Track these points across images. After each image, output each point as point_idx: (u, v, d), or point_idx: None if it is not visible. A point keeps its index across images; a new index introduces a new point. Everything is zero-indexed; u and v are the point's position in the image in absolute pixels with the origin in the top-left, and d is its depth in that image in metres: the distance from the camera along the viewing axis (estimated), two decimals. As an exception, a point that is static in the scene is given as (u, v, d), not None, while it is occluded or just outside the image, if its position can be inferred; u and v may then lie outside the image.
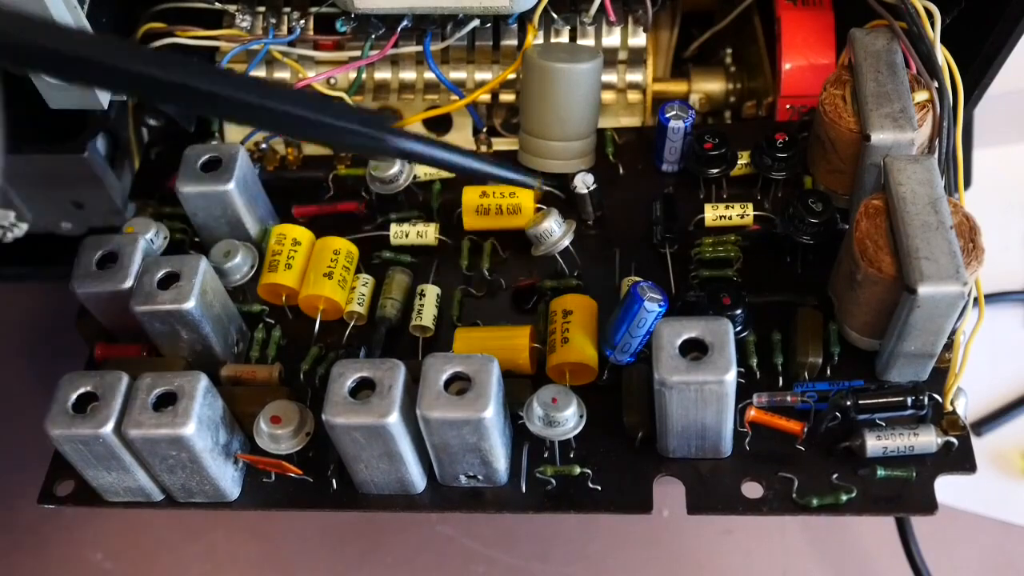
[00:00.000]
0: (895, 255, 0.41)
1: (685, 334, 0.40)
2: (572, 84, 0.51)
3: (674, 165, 0.53)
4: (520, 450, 0.45)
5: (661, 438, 0.44)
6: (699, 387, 0.40)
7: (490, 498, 0.45)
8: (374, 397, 0.41)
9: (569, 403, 0.43)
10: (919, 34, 0.46)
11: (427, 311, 0.49)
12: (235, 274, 0.50)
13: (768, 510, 0.43)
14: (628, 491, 0.44)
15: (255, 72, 0.57)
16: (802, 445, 0.44)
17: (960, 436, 0.43)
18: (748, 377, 0.46)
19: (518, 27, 0.56)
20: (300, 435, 0.45)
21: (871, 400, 0.43)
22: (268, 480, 0.46)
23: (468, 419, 0.40)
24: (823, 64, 0.54)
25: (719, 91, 0.61)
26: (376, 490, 0.45)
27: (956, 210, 0.42)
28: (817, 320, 0.46)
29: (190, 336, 0.46)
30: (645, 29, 0.56)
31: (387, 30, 0.54)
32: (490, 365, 0.41)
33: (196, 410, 0.41)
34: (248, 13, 0.56)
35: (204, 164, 0.49)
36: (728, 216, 0.51)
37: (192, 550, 0.66)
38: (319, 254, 0.50)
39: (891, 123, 0.45)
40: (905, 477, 0.43)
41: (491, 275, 0.51)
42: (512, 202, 0.51)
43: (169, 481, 0.44)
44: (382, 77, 0.57)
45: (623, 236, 0.52)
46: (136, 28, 0.55)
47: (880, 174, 0.44)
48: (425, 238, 0.52)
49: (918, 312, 0.40)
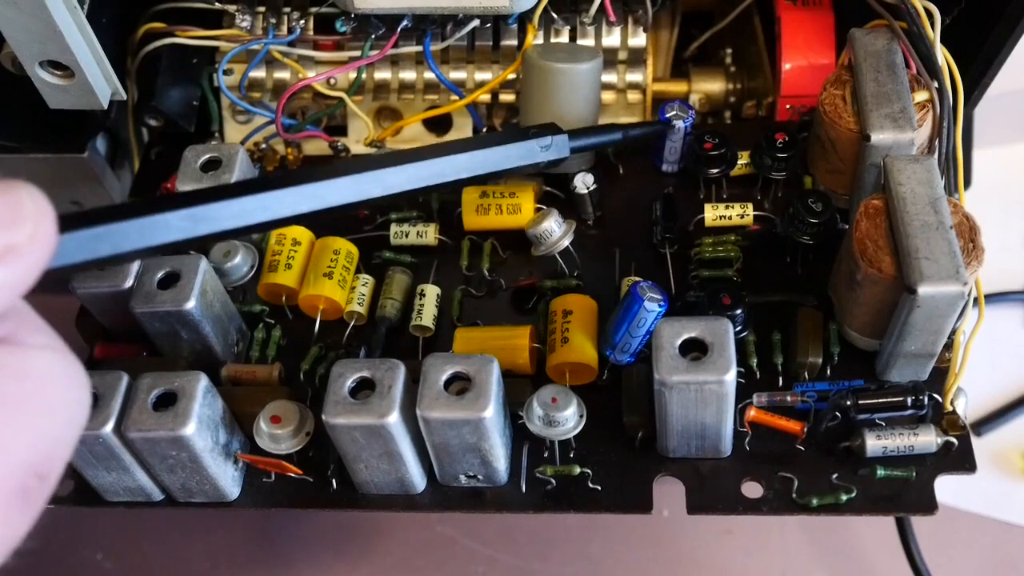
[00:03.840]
0: (895, 255, 0.41)
1: (685, 334, 0.40)
2: (572, 84, 0.51)
3: (674, 165, 0.53)
4: (520, 450, 0.45)
5: (661, 438, 0.44)
6: (699, 387, 0.40)
7: (490, 498, 0.45)
8: (374, 397, 0.41)
9: (569, 403, 0.43)
10: (919, 34, 0.46)
11: (427, 311, 0.49)
12: (235, 274, 0.50)
13: (768, 510, 0.43)
14: (628, 491, 0.44)
15: (254, 72, 0.57)
16: (802, 445, 0.44)
17: (960, 436, 0.43)
18: (748, 377, 0.46)
19: (518, 27, 0.56)
20: (300, 435, 0.45)
21: (871, 400, 0.43)
22: (268, 480, 0.46)
23: (468, 419, 0.40)
24: (823, 64, 0.54)
25: (719, 91, 0.61)
26: (376, 490, 0.45)
27: (956, 210, 0.42)
28: (817, 320, 0.46)
29: (190, 336, 0.46)
30: (645, 29, 0.56)
31: (387, 30, 0.54)
32: (490, 365, 0.41)
33: (196, 410, 0.41)
34: (248, 13, 0.56)
35: (204, 164, 0.49)
36: (728, 216, 0.51)
37: (192, 550, 0.66)
38: (319, 254, 0.50)
39: (891, 123, 0.45)
40: (905, 477, 0.43)
41: (491, 275, 0.51)
42: (512, 202, 0.51)
43: (169, 481, 0.44)
44: (382, 77, 0.57)
45: (623, 236, 0.52)
46: (136, 28, 0.55)
47: (880, 174, 0.44)
48: (425, 238, 0.52)
49: (918, 312, 0.40)
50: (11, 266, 0.20)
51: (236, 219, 0.27)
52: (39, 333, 0.21)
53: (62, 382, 0.21)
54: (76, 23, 0.46)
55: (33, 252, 0.20)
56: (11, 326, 0.21)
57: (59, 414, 0.21)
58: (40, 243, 0.20)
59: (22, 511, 0.20)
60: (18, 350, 0.21)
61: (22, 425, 0.20)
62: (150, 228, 0.25)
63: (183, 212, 0.26)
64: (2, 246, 0.20)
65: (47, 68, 0.48)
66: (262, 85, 0.58)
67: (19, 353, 0.21)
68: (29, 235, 0.20)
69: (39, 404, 0.21)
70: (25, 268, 0.20)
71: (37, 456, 0.20)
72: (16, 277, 0.20)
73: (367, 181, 0.30)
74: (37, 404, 0.21)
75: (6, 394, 0.20)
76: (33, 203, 0.20)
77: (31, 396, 0.20)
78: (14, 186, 0.20)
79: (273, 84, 0.57)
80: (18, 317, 0.21)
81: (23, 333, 0.21)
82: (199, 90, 0.58)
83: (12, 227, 0.20)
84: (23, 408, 0.20)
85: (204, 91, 0.58)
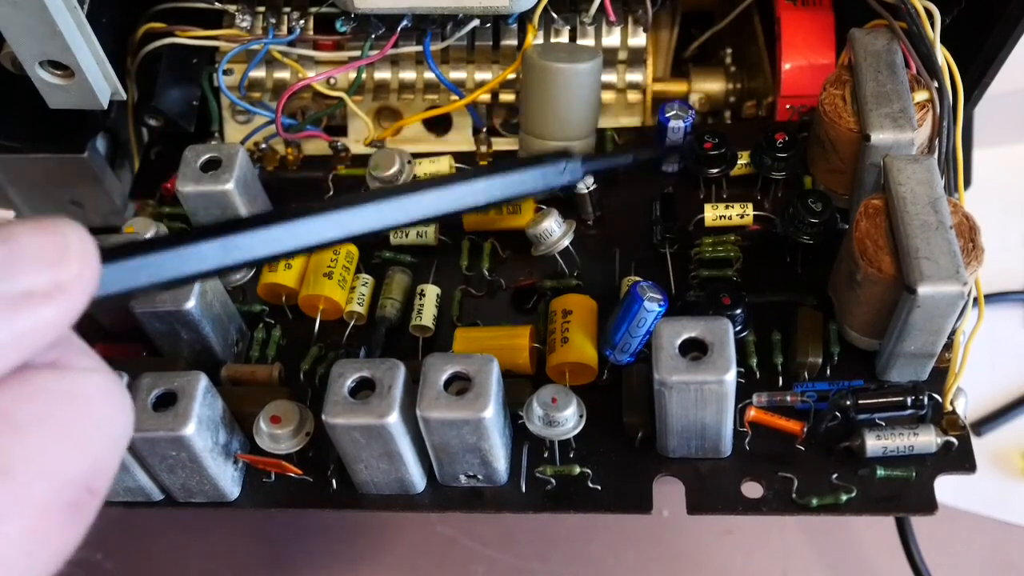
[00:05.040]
0: (895, 255, 0.41)
1: (685, 334, 0.40)
2: (572, 84, 0.51)
3: (674, 165, 0.53)
4: (520, 450, 0.45)
5: (661, 438, 0.44)
6: (699, 387, 0.40)
7: (490, 498, 0.45)
8: (374, 397, 0.41)
9: (569, 403, 0.43)
10: (919, 34, 0.46)
11: (427, 311, 0.49)
12: (235, 274, 0.50)
13: (768, 510, 0.43)
14: (628, 491, 0.44)
15: (254, 72, 0.57)
16: (802, 445, 0.44)
17: (960, 436, 0.43)
18: (748, 377, 0.46)
19: (518, 27, 0.56)
20: (300, 435, 0.45)
21: (871, 400, 0.43)
22: (268, 480, 0.46)
23: (468, 419, 0.40)
24: (823, 64, 0.54)
25: (719, 91, 0.61)
26: (376, 490, 0.45)
27: (956, 210, 0.42)
28: (817, 320, 0.46)
29: (190, 336, 0.46)
30: (645, 29, 0.56)
31: (387, 30, 0.53)
32: (490, 365, 0.41)
33: (196, 410, 0.41)
34: (248, 13, 0.56)
35: (204, 164, 0.49)
36: (728, 216, 0.51)
37: (192, 550, 0.66)
38: (319, 254, 0.50)
39: (891, 123, 0.45)
40: (905, 477, 0.43)
41: (491, 275, 0.51)
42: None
43: (169, 481, 0.44)
44: (382, 77, 0.57)
45: (623, 236, 0.52)
46: (136, 28, 0.55)
47: (880, 174, 0.44)
48: (425, 238, 0.52)
49: (918, 312, 0.40)
50: (61, 303, 0.21)
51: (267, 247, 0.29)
52: (85, 357, 0.23)
53: (108, 402, 0.23)
54: (76, 23, 0.46)
55: (80, 288, 0.22)
56: (58, 352, 0.22)
57: (106, 431, 0.23)
58: (86, 280, 0.22)
59: (74, 523, 0.22)
60: (67, 373, 0.22)
61: (73, 443, 0.22)
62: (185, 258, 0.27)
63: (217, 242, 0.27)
64: (52, 284, 0.21)
65: (47, 68, 0.48)
66: (262, 85, 0.58)
67: (68, 376, 0.22)
68: (76, 273, 0.21)
69: (88, 423, 0.22)
70: (72, 303, 0.22)
71: (87, 472, 0.22)
72: (65, 312, 0.21)
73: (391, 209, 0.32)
74: (86, 423, 0.22)
75: (57, 414, 0.21)
76: (79, 242, 0.22)
77: (80, 416, 0.22)
78: (61, 225, 0.22)
79: (273, 84, 0.57)
80: (65, 344, 0.23)
81: (70, 358, 0.22)
82: (199, 90, 0.58)
83: (61, 266, 0.21)
84: (73, 427, 0.22)
85: (204, 91, 0.58)
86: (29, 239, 0.21)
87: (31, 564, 0.21)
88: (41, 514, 0.21)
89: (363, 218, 0.31)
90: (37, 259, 0.21)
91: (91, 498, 0.22)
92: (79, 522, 0.22)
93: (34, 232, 0.21)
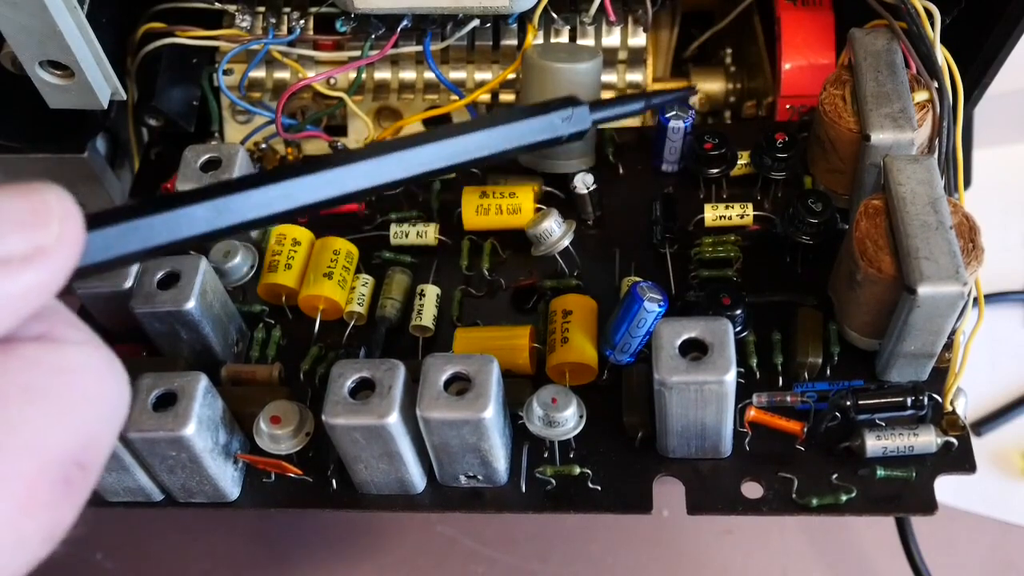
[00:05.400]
0: (895, 255, 0.41)
1: (685, 334, 0.40)
2: (572, 84, 0.50)
3: (674, 165, 0.53)
4: (520, 450, 0.45)
5: (661, 438, 0.44)
6: (699, 387, 0.40)
7: (490, 498, 0.45)
8: (374, 397, 0.41)
9: (569, 403, 0.43)
10: (919, 34, 0.46)
11: (427, 311, 0.49)
12: (235, 274, 0.50)
13: (768, 510, 0.43)
14: (628, 491, 0.44)
15: (254, 72, 0.57)
16: (802, 445, 0.44)
17: (960, 436, 0.43)
18: (748, 377, 0.46)
19: (518, 27, 0.56)
20: (300, 435, 0.45)
21: (871, 400, 0.43)
22: (268, 480, 0.46)
23: (468, 419, 0.40)
24: (823, 64, 0.54)
25: (719, 91, 0.61)
26: (376, 490, 0.45)
27: (956, 210, 0.42)
28: (817, 320, 0.46)
29: (190, 336, 0.46)
30: (645, 29, 0.56)
31: (387, 30, 0.54)
32: (490, 365, 0.41)
33: (196, 410, 0.41)
34: (248, 13, 0.56)
35: (204, 164, 0.49)
36: (728, 216, 0.51)
37: (192, 550, 0.66)
38: (319, 254, 0.50)
39: (891, 123, 0.45)
40: (905, 477, 0.43)
41: (491, 275, 0.51)
42: (512, 202, 0.51)
43: (169, 481, 0.44)
44: (382, 77, 0.57)
45: (623, 236, 0.52)
46: (136, 28, 0.55)
47: (880, 174, 0.44)
48: (425, 238, 0.52)
49: (918, 312, 0.40)
50: (41, 267, 0.20)
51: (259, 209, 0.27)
52: (75, 329, 0.22)
53: (99, 375, 0.22)
54: (76, 23, 0.46)
55: (62, 252, 0.21)
56: (46, 324, 0.21)
57: (97, 406, 0.22)
58: (68, 243, 0.21)
59: (66, 500, 0.21)
60: (55, 346, 0.21)
61: (61, 417, 0.21)
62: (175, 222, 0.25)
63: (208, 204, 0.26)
64: (31, 248, 0.20)
65: (47, 68, 0.48)
66: (262, 85, 0.58)
67: (56, 349, 0.21)
68: (57, 236, 0.21)
69: (77, 396, 0.21)
70: (55, 268, 0.21)
71: (78, 447, 0.21)
72: (47, 278, 0.21)
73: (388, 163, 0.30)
74: (75, 396, 0.21)
75: (45, 387, 0.21)
76: (59, 203, 0.21)
77: (69, 389, 0.21)
78: (39, 188, 0.21)
79: (273, 84, 0.57)
80: (53, 316, 0.22)
81: (59, 330, 0.22)
82: (199, 90, 0.58)
83: (40, 228, 0.20)
84: (62, 400, 0.21)
85: (204, 91, 0.58)
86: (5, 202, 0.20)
87: (19, 540, 0.20)
88: (28, 489, 0.20)
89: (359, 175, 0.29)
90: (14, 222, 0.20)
91: (83, 474, 0.21)
92: (71, 499, 0.21)
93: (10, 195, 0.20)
